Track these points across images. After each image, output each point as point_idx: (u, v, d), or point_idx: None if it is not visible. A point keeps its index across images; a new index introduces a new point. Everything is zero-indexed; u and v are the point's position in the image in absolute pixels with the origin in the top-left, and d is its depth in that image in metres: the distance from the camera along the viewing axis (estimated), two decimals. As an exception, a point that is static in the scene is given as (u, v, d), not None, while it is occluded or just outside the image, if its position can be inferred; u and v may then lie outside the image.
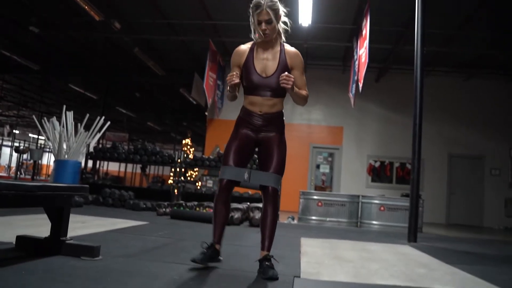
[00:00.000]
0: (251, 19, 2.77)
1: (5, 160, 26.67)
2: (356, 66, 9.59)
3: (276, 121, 2.83)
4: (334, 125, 13.20)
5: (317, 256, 3.66)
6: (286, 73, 2.67)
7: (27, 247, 2.69)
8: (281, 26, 2.81)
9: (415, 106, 5.85)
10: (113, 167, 25.08)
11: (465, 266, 3.71)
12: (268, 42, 2.80)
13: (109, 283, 2.08)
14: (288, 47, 2.87)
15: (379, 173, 13.02)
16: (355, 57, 9.89)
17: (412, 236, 5.60)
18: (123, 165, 24.43)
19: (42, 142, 26.67)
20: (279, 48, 2.83)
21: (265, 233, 2.72)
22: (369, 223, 8.03)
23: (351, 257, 3.79)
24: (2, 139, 25.28)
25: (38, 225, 3.99)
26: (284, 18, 2.83)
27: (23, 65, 13.35)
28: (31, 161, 19.44)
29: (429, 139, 11.65)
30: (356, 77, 9.61)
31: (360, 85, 8.75)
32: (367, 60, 8.13)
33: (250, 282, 2.41)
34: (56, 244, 2.63)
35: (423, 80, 5.94)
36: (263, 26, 2.70)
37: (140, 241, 3.67)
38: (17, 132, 27.23)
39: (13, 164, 26.15)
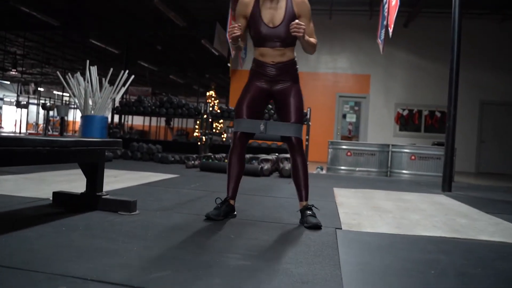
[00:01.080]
0: None
1: (32, 118, 27.19)
2: (386, 10, 9.12)
3: (290, 70, 2.76)
4: (360, 73, 12.81)
5: (353, 207, 3.59)
6: (297, 20, 2.57)
7: (64, 203, 2.68)
8: None
9: (452, 51, 5.53)
10: (137, 121, 25.31)
11: (505, 215, 3.58)
12: None
13: (150, 238, 2.04)
14: None
15: (407, 122, 12.72)
16: (384, 0, 9.39)
17: (447, 185, 5.46)
18: (147, 119, 24.58)
19: (67, 98, 27.02)
20: None
21: (300, 183, 2.73)
22: (399, 172, 7.90)
23: (388, 207, 3.71)
24: (28, 97, 25.63)
25: (72, 181, 4.01)
26: None
27: (43, 21, 13.22)
28: (58, 117, 19.77)
29: (460, 85, 11.18)
30: (385, 22, 9.16)
31: (390, 30, 8.34)
32: (398, 3, 7.69)
33: (294, 233, 2.35)
34: (92, 199, 2.61)
35: (461, 22, 5.57)
36: None
37: (174, 194, 3.65)
38: (42, 89, 27.54)
39: (40, 122, 26.69)
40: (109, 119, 8.54)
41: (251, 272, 1.61)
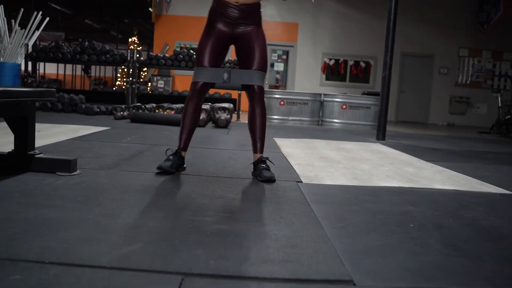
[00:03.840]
0: None
1: None
2: (318, -45, 8.92)
3: (253, 13, 2.53)
4: (289, 21, 12.63)
5: (302, 157, 3.52)
6: None
7: (-13, 164, 2.29)
8: None
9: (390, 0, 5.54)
10: (50, 69, 23.26)
11: (443, 163, 3.73)
12: None
13: (104, 203, 1.77)
14: None
15: (333, 71, 12.92)
16: None
17: (381, 134, 5.61)
18: (61, 67, 22.65)
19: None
20: None
21: (256, 135, 2.58)
22: (331, 121, 8.03)
23: (335, 157, 3.69)
24: None
25: (-12, 136, 3.50)
26: None
27: None
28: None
29: (383, 37, 11.44)
30: (318, -32, 8.99)
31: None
32: None
33: (257, 188, 2.20)
34: (23, 159, 2.24)
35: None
36: None
37: (112, 149, 3.32)
38: None
39: None
40: (23, 67, 7.64)
41: (233, 237, 1.44)
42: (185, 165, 2.61)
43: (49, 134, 3.92)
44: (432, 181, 2.80)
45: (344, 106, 7.96)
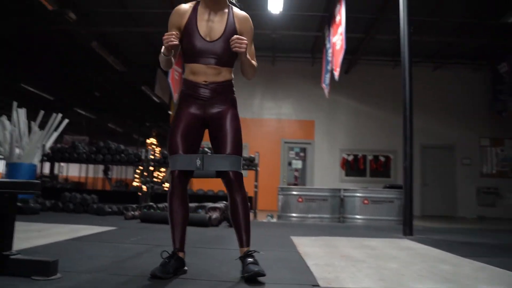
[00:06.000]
0: None
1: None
2: (330, 55, 9.20)
3: (225, 92, 2.38)
4: (305, 119, 12.76)
5: (321, 257, 3.13)
6: (237, 35, 2.27)
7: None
8: None
9: (404, 90, 5.50)
10: (72, 172, 23.75)
11: (483, 258, 3.29)
12: (214, 2, 2.35)
13: (72, 315, 1.45)
14: (236, 10, 2.43)
15: (352, 167, 12.70)
16: (327, 45, 9.49)
17: (408, 229, 5.16)
18: (83, 170, 23.11)
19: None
20: (226, 10, 2.39)
21: (240, 226, 2.30)
22: (353, 217, 7.59)
23: (358, 256, 3.29)
24: None
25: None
26: None
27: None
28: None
29: (400, 130, 11.30)
30: (329, 66, 9.22)
31: (336, 73, 8.36)
32: (343, 46, 7.72)
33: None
34: (-3, 261, 1.96)
35: (411, 62, 5.58)
36: None
37: (110, 250, 3.01)
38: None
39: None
40: (39, 168, 7.65)
41: None
42: (186, 268, 2.30)
43: (47, 234, 3.66)
44: (475, 281, 2.38)
45: (365, 201, 7.58)
